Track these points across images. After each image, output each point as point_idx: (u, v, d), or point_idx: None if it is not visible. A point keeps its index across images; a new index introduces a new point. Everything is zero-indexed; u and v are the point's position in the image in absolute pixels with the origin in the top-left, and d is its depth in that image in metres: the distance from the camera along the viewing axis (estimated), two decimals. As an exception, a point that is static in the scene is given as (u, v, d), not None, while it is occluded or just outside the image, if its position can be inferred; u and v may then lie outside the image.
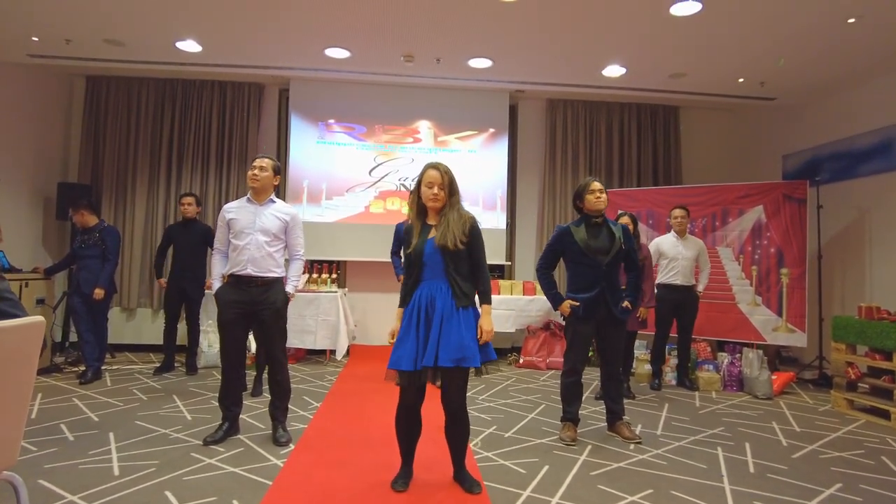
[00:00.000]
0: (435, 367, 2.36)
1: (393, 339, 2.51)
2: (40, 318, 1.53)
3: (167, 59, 5.33)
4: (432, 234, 2.49)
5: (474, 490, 2.49)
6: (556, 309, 3.41)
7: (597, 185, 3.32)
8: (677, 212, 4.86)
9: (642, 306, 4.31)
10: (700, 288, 4.86)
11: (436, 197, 2.48)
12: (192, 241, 4.91)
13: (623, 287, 3.44)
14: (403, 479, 2.55)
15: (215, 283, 3.23)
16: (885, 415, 3.85)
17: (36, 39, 4.81)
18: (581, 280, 3.32)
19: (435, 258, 2.46)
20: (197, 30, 4.68)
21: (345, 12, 4.27)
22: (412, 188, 2.62)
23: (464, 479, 2.56)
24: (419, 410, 2.53)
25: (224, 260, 3.25)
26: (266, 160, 3.23)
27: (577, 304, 3.29)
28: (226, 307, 3.11)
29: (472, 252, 2.51)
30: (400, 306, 2.57)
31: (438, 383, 2.50)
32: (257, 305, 3.12)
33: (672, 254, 4.79)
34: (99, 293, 4.55)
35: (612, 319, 3.32)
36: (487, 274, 2.58)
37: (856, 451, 3.26)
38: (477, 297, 2.56)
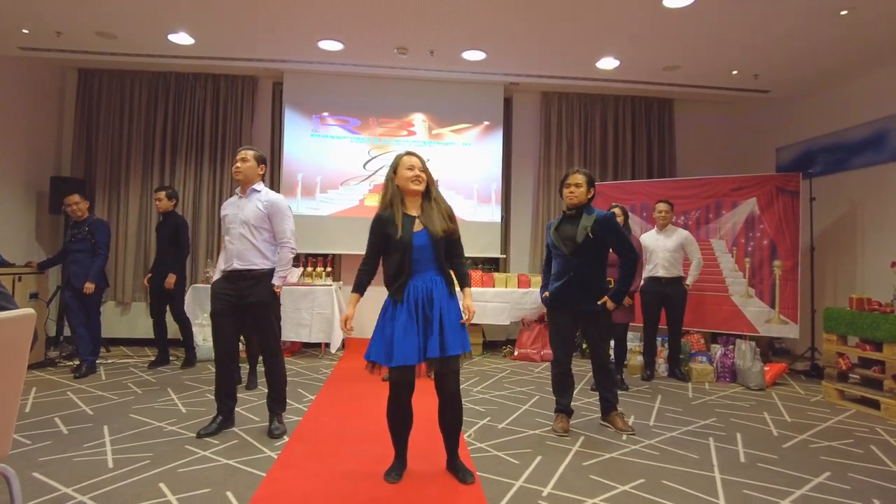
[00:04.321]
0: (441, 357, 2.37)
1: (346, 325, 2.47)
2: (30, 310, 1.53)
3: (160, 51, 5.29)
4: (417, 225, 2.47)
5: (467, 480, 2.51)
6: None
7: (574, 178, 3.27)
8: (661, 205, 4.89)
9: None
10: (688, 281, 4.83)
11: (418, 178, 2.46)
12: (165, 235, 4.85)
13: (609, 280, 3.50)
14: (397, 470, 2.56)
15: (216, 277, 3.26)
16: (875, 405, 3.89)
17: (26, 32, 4.77)
18: (554, 271, 3.39)
19: (426, 250, 2.45)
20: (189, 22, 4.65)
21: (337, 3, 4.25)
22: (386, 177, 2.55)
23: (457, 468, 2.57)
24: (410, 403, 2.54)
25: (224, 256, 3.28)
26: (248, 151, 3.21)
27: (548, 294, 3.38)
28: (215, 297, 3.15)
29: (454, 236, 2.53)
30: (355, 291, 2.52)
31: (431, 374, 2.49)
32: (245, 300, 3.11)
33: (653, 247, 4.83)
34: (89, 287, 4.53)
35: (586, 312, 3.32)
36: (465, 258, 2.62)
37: (845, 440, 3.30)
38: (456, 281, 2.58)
